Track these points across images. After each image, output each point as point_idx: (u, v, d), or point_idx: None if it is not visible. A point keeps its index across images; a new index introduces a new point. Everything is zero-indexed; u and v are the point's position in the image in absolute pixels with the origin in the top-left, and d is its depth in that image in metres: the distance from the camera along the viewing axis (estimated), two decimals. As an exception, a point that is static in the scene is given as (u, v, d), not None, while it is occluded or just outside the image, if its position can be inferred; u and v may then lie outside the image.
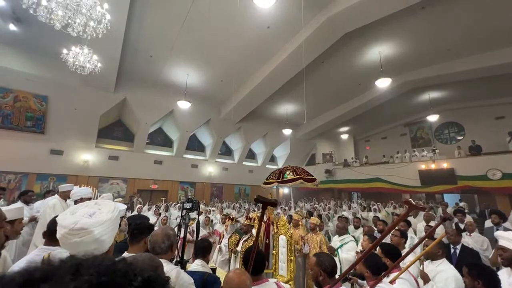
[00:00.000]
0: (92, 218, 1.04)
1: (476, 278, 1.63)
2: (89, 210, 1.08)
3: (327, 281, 1.58)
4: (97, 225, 1.04)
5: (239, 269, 1.29)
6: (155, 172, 12.61)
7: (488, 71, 9.61)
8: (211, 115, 13.12)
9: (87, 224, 1.01)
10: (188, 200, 1.69)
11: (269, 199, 1.37)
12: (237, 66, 9.49)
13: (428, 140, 15.88)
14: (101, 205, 1.10)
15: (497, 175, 9.89)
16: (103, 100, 10.09)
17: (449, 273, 2.15)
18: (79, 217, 1.01)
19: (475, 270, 1.67)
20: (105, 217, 1.08)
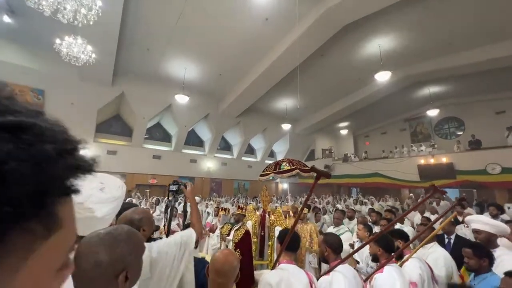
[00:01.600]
0: (105, 193, 1.00)
1: (481, 256, 1.69)
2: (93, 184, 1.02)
3: (331, 256, 1.71)
4: (111, 200, 1.00)
5: (227, 250, 1.26)
6: (153, 167, 12.60)
7: (490, 64, 9.48)
8: (209, 109, 13.05)
9: (100, 199, 0.96)
10: (174, 183, 1.64)
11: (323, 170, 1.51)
12: (235, 59, 9.39)
13: (427, 135, 15.81)
14: (103, 179, 1.05)
15: (497, 169, 9.85)
16: (101, 94, 10.03)
17: (439, 253, 2.31)
18: (90, 190, 0.96)
19: (479, 250, 1.74)
20: (117, 193, 1.04)
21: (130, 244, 0.74)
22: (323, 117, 15.08)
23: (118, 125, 12.65)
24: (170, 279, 1.21)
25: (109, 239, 0.71)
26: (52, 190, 0.21)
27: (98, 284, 0.67)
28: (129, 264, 0.72)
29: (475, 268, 1.72)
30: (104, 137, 11.94)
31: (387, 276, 1.66)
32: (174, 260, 1.26)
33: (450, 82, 11.79)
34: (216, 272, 1.12)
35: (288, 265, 1.60)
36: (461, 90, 12.72)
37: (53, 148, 0.21)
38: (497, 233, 2.00)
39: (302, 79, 10.39)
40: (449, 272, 2.22)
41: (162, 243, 1.29)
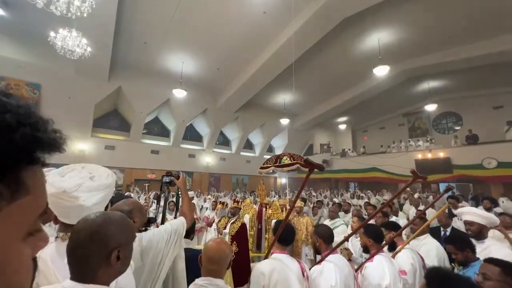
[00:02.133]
0: (95, 181, 1.01)
1: (464, 249, 1.76)
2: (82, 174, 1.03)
3: (323, 246, 1.74)
4: (102, 188, 1.01)
5: (219, 238, 1.29)
6: (152, 162, 12.60)
7: (489, 58, 9.46)
8: (207, 104, 12.99)
9: (91, 187, 0.97)
10: (167, 174, 1.66)
11: (317, 163, 1.47)
12: (233, 53, 9.31)
13: (425, 130, 15.86)
14: (91, 169, 1.06)
15: (493, 163, 9.94)
16: (98, 89, 9.94)
17: (431, 244, 2.38)
18: (81, 180, 0.97)
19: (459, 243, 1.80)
20: (107, 181, 1.05)
21: (122, 226, 0.77)
22: (322, 112, 15.07)
23: (116, 120, 12.58)
24: (161, 267, 1.23)
25: (103, 218, 0.75)
26: (14, 156, 0.23)
27: (91, 260, 0.70)
28: (121, 244, 0.74)
29: (464, 261, 1.78)
30: (102, 132, 11.89)
31: (376, 264, 1.72)
32: (165, 248, 1.29)
33: (449, 77, 11.77)
34: (209, 260, 1.15)
35: (281, 254, 1.62)
36: (459, 85, 12.71)
37: (13, 117, 0.23)
38: (488, 224, 2.06)
39: (301, 74, 10.34)
40: (440, 263, 2.27)
41: (152, 233, 1.31)
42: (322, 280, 1.58)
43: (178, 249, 1.38)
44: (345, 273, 1.63)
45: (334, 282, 1.55)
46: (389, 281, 1.62)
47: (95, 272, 0.70)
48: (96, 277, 0.70)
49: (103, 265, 0.71)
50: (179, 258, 1.46)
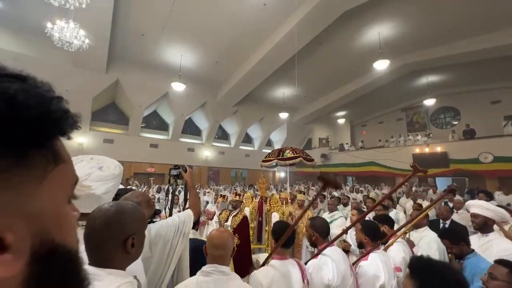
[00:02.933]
0: (103, 171, 1.03)
1: (458, 242, 1.79)
2: (91, 164, 1.05)
3: (319, 240, 1.72)
4: (110, 178, 1.04)
5: (223, 228, 1.33)
6: (151, 155, 12.61)
7: (488, 53, 9.44)
8: (206, 98, 12.92)
9: (99, 177, 1.00)
10: (175, 167, 1.69)
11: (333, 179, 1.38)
12: (232, 46, 9.20)
13: (423, 124, 15.94)
14: (100, 160, 1.08)
15: (489, 158, 10.07)
16: (95, 82, 9.84)
17: (431, 237, 2.36)
18: (90, 169, 1.00)
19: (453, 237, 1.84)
20: (115, 171, 1.08)
21: (135, 214, 0.82)
22: (321, 106, 15.05)
23: (114, 113, 12.50)
24: (170, 257, 1.27)
25: (117, 207, 0.79)
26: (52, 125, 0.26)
27: (108, 245, 0.74)
28: (136, 231, 0.79)
29: (460, 254, 1.81)
30: (100, 125, 11.83)
31: (370, 263, 1.68)
32: (173, 239, 1.33)
33: (448, 71, 11.76)
34: (214, 247, 1.19)
35: (281, 261, 1.53)
36: (458, 79, 12.71)
37: (47, 92, 0.27)
38: (495, 218, 2.01)
39: (300, 68, 10.27)
40: (441, 256, 2.26)
41: (160, 224, 1.35)
42: (319, 275, 1.57)
43: (186, 241, 1.41)
44: (342, 266, 1.62)
45: (331, 276, 1.54)
46: (383, 280, 1.59)
47: (112, 258, 0.74)
48: (113, 263, 0.74)
49: (119, 252, 0.75)
50: (185, 250, 1.51)
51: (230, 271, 1.19)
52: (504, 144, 10.01)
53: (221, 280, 1.13)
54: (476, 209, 2.06)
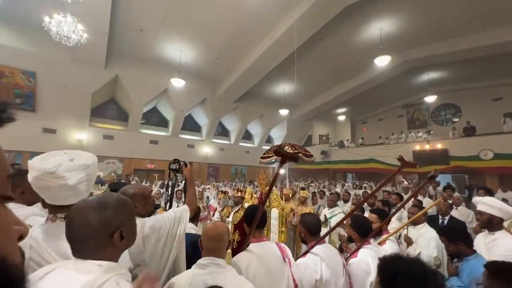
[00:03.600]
0: (74, 162, 1.02)
1: (456, 241, 1.71)
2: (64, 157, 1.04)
3: (308, 237, 1.68)
4: (82, 168, 1.02)
5: (217, 221, 1.32)
6: (151, 151, 12.60)
7: (489, 50, 9.36)
8: (206, 94, 12.86)
9: (70, 167, 0.99)
10: (174, 161, 1.68)
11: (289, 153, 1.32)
12: (232, 42, 9.12)
13: (424, 121, 15.90)
14: (73, 154, 1.07)
15: (489, 155, 10.05)
16: (94, 77, 9.78)
17: (430, 234, 2.33)
18: (60, 161, 0.99)
19: (451, 235, 1.76)
20: (87, 161, 1.06)
21: (119, 207, 0.79)
22: (321, 102, 14.99)
23: (113, 109, 12.45)
24: (165, 253, 1.25)
25: (98, 203, 0.76)
26: None
27: (93, 244, 0.73)
28: (122, 223, 0.77)
29: (456, 253, 1.73)
30: (100, 121, 11.79)
31: (359, 260, 1.63)
32: (168, 234, 1.31)
33: (449, 68, 11.68)
34: (210, 240, 1.19)
35: (257, 244, 1.51)
36: (459, 76, 12.64)
37: None
38: (502, 216, 1.88)
39: (300, 64, 10.20)
40: (439, 254, 2.26)
41: (155, 219, 1.33)
42: (307, 274, 1.52)
43: (181, 237, 1.40)
44: (332, 265, 1.56)
45: (318, 276, 1.49)
46: (373, 278, 1.49)
47: (100, 251, 0.73)
48: (104, 254, 0.73)
49: (108, 245, 0.74)
50: (181, 246, 1.49)
51: (226, 263, 1.19)
52: (505, 141, 9.97)
53: (217, 272, 1.13)
54: (481, 206, 1.97)
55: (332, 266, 1.55)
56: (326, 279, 1.49)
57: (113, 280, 0.69)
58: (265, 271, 1.40)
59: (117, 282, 0.69)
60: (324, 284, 1.49)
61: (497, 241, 1.82)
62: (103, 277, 0.68)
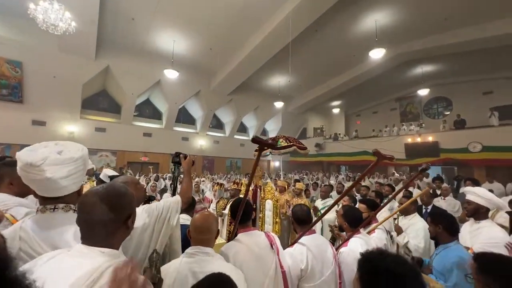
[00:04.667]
0: (62, 155, 1.01)
1: (437, 223, 1.73)
2: (53, 149, 1.03)
3: (297, 227, 1.77)
4: (68, 162, 1.01)
5: (205, 211, 1.34)
6: (144, 144, 12.47)
7: (482, 43, 9.44)
8: (200, 86, 12.68)
9: (57, 160, 0.98)
10: (176, 154, 1.70)
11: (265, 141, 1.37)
12: (227, 32, 8.95)
13: (417, 114, 16.15)
14: (63, 145, 1.06)
15: (478, 147, 10.33)
16: (84, 68, 9.49)
17: (420, 225, 2.40)
18: (48, 154, 0.98)
19: (436, 216, 1.79)
20: (75, 154, 1.05)
21: (128, 192, 0.84)
22: (316, 95, 15.00)
23: (105, 101, 12.19)
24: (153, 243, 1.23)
25: (115, 188, 0.81)
26: None
27: (108, 229, 0.76)
28: (134, 208, 0.83)
29: (434, 235, 1.77)
30: (92, 113, 11.54)
31: (349, 249, 1.67)
32: (155, 224, 1.28)
33: (442, 61, 11.79)
34: (197, 231, 1.20)
35: (245, 233, 1.55)
36: (451, 70, 12.79)
37: None
38: (488, 206, 1.96)
39: (295, 56, 10.13)
40: (427, 244, 2.32)
41: (142, 208, 1.31)
42: (294, 263, 1.56)
43: (172, 227, 1.36)
44: (318, 254, 1.59)
45: (304, 265, 1.53)
46: None
47: (113, 237, 0.77)
48: (113, 241, 0.78)
49: (121, 230, 0.79)
50: (175, 238, 1.45)
51: (214, 252, 1.20)
52: (493, 134, 10.26)
53: (205, 260, 1.14)
54: (470, 196, 2.05)
55: (319, 256, 1.58)
56: (312, 268, 1.53)
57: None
58: (252, 259, 1.43)
59: None
60: (309, 272, 1.53)
61: (481, 230, 1.90)
62: (106, 263, 0.70)
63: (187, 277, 1.10)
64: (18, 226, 0.95)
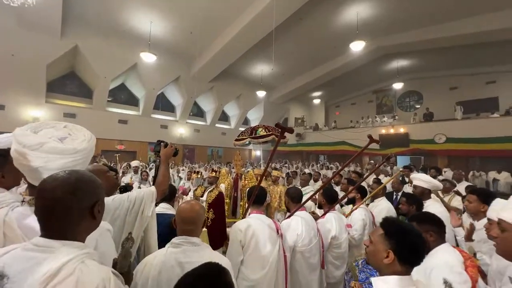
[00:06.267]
0: (63, 144, 0.90)
1: (411, 204, 2.11)
2: (57, 133, 0.92)
3: (291, 205, 2.08)
4: (68, 153, 0.91)
5: (192, 200, 1.33)
6: (120, 132, 11.86)
7: (463, 40, 9.83)
8: (180, 72, 12.17)
9: (54, 149, 0.88)
10: (157, 143, 1.63)
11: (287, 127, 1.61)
12: (208, 15, 8.55)
13: (391, 107, 17.03)
14: (72, 130, 0.96)
15: (442, 139, 11.26)
16: (49, 47, 8.62)
17: (384, 205, 2.79)
18: (46, 139, 0.88)
19: (410, 199, 2.18)
20: (79, 145, 0.94)
21: (97, 180, 0.78)
22: (298, 85, 15.12)
23: (74, 84, 11.26)
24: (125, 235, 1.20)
25: (78, 173, 0.74)
26: None
27: (74, 214, 0.69)
28: (100, 197, 0.76)
29: (406, 213, 2.13)
30: (59, 97, 10.65)
31: (326, 221, 2.17)
32: (126, 216, 1.25)
33: (417, 56, 12.40)
34: (183, 221, 1.17)
35: (257, 215, 1.80)
36: (424, 65, 13.53)
37: None
38: (431, 188, 2.50)
39: (278, 44, 10.03)
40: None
41: (112, 198, 1.27)
42: (291, 230, 1.91)
43: (147, 219, 1.33)
44: (309, 225, 1.97)
45: (300, 231, 1.89)
46: (334, 233, 2.09)
47: (76, 227, 0.70)
48: (77, 233, 0.71)
49: (85, 219, 0.72)
50: (150, 229, 1.43)
51: (200, 241, 1.18)
52: (456, 127, 11.23)
53: (191, 250, 1.13)
54: (416, 181, 2.52)
55: (309, 226, 1.96)
56: (305, 234, 1.90)
57: (78, 259, 0.65)
58: (259, 236, 1.65)
59: (82, 261, 0.66)
60: (304, 238, 1.89)
61: (428, 208, 2.26)
62: (67, 256, 0.64)
63: (174, 267, 1.07)
64: (1, 220, 0.84)
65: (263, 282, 1.60)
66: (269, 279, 1.62)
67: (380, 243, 0.93)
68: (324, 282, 2.05)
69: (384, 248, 0.91)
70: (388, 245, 0.90)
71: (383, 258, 0.90)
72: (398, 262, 0.88)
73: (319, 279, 1.97)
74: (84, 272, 0.64)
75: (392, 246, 0.89)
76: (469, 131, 10.70)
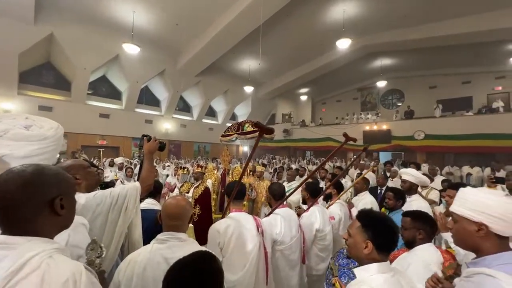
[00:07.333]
0: (29, 131, 0.86)
1: (398, 199, 2.25)
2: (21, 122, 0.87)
3: (273, 201, 2.08)
4: (35, 139, 0.86)
5: (178, 195, 1.30)
6: (102, 126, 11.38)
7: (444, 41, 10.24)
8: (165, 65, 11.80)
9: (20, 135, 0.83)
10: (142, 137, 1.56)
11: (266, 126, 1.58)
12: (195, 6, 8.32)
13: (375, 104, 17.58)
14: (36, 120, 0.90)
15: (421, 135, 11.82)
16: (20, 34, 8.03)
17: (367, 199, 2.88)
18: (11, 126, 0.83)
19: (397, 194, 2.29)
20: (47, 132, 0.90)
21: (60, 174, 0.73)
22: (285, 81, 15.18)
23: (50, 75, 10.60)
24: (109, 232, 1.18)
25: (35, 166, 0.69)
26: None
27: (29, 208, 0.65)
28: (62, 192, 0.71)
29: (392, 207, 2.24)
30: (33, 89, 10.00)
31: (310, 214, 2.21)
32: (108, 212, 1.22)
33: (399, 56, 12.82)
34: (169, 217, 1.15)
35: (236, 213, 1.76)
36: (405, 64, 14.03)
37: None
38: (418, 183, 2.59)
39: (266, 40, 9.98)
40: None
41: (93, 194, 1.22)
42: (270, 229, 1.90)
43: (131, 215, 1.30)
44: (289, 222, 1.98)
45: (278, 230, 1.90)
46: (318, 226, 2.16)
47: (32, 223, 0.66)
48: (36, 229, 0.66)
49: (45, 215, 0.68)
50: (134, 226, 1.40)
51: (187, 237, 1.17)
52: (433, 124, 11.82)
53: (177, 245, 1.11)
54: (405, 176, 2.58)
55: (289, 223, 1.97)
56: (285, 232, 1.91)
57: (45, 254, 0.62)
58: (239, 237, 1.62)
59: (50, 255, 0.63)
60: (283, 236, 1.91)
61: (412, 203, 2.38)
62: (32, 251, 0.61)
63: (160, 264, 1.05)
64: None
65: (243, 282, 1.58)
66: (248, 278, 1.60)
67: (358, 235, 0.99)
68: (304, 277, 2.09)
69: (363, 239, 0.96)
70: (366, 236, 0.96)
71: (362, 249, 0.95)
72: (376, 251, 0.94)
73: (299, 275, 2.00)
74: (52, 266, 0.61)
75: (370, 236, 0.95)
76: (445, 128, 11.30)
